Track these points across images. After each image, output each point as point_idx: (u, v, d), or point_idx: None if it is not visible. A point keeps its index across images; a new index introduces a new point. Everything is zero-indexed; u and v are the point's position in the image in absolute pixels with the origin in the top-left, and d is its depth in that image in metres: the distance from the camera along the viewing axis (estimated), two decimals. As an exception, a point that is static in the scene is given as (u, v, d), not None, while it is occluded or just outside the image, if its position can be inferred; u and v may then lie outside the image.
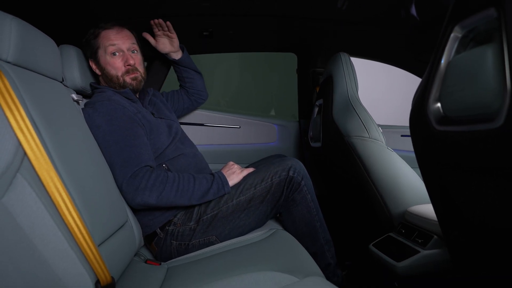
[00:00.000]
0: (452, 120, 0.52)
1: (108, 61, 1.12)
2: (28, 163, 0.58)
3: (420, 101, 0.60)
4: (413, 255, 0.86)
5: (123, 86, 1.14)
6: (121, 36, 1.13)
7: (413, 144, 0.67)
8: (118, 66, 1.12)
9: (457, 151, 0.53)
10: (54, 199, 0.59)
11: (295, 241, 0.97)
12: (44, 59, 0.79)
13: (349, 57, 1.32)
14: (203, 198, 1.01)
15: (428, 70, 0.59)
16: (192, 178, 1.01)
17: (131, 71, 1.13)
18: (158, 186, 0.94)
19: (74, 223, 0.61)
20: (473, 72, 0.47)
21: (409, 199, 1.04)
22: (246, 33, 1.61)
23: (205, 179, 1.03)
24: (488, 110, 0.44)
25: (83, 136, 0.85)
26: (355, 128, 1.11)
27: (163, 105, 1.31)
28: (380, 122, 2.15)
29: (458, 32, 0.52)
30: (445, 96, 0.53)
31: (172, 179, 0.97)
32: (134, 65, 1.13)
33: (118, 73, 1.12)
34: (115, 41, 1.12)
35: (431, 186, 0.71)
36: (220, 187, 1.03)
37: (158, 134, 1.09)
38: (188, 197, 0.99)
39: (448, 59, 0.54)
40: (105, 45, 1.11)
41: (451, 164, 0.58)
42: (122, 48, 1.13)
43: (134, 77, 1.14)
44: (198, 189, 1.00)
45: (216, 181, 1.03)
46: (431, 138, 0.58)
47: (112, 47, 1.11)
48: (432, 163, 0.64)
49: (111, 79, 1.13)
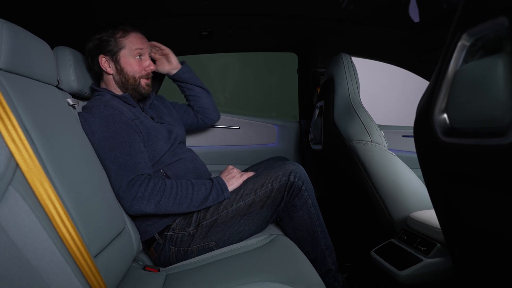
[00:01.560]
0: (459, 131, 0.50)
1: (130, 62, 1.12)
2: (21, 174, 0.56)
3: (425, 109, 0.58)
4: (415, 263, 0.84)
5: (136, 88, 1.14)
6: (146, 42, 1.16)
7: (417, 152, 0.66)
8: (138, 69, 1.14)
9: (463, 163, 0.51)
10: (48, 212, 0.58)
11: (296, 248, 0.95)
12: (38, 63, 0.77)
13: (350, 58, 1.30)
14: (202, 205, 0.99)
15: (434, 78, 0.57)
16: (191, 185, 1.00)
17: (149, 76, 1.16)
18: (156, 195, 0.93)
19: (69, 235, 0.59)
20: (482, 84, 0.45)
21: (411, 204, 1.02)
22: (246, 33, 1.59)
23: (204, 186, 1.01)
24: (497, 124, 0.43)
25: (79, 142, 0.83)
26: (356, 132, 1.09)
27: (166, 110, 1.30)
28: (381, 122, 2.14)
29: (466, 40, 0.50)
30: (452, 106, 0.51)
31: (170, 187, 0.96)
32: (152, 71, 1.17)
33: (136, 74, 1.13)
34: (142, 45, 1.14)
35: (435, 195, 0.69)
36: (219, 193, 1.01)
37: (156, 141, 1.07)
38: (187, 205, 0.97)
39: (455, 68, 0.52)
40: (131, 47, 1.12)
41: (456, 175, 0.56)
42: (145, 53, 1.15)
43: (148, 83, 1.17)
44: (197, 196, 0.98)
45: (215, 187, 1.01)
46: (436, 148, 0.56)
47: (139, 50, 1.13)
48: (436, 173, 0.62)
49: (127, 80, 1.13)
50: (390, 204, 1.05)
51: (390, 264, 0.90)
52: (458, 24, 0.51)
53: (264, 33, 1.60)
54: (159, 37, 1.50)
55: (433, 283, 0.84)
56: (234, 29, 1.53)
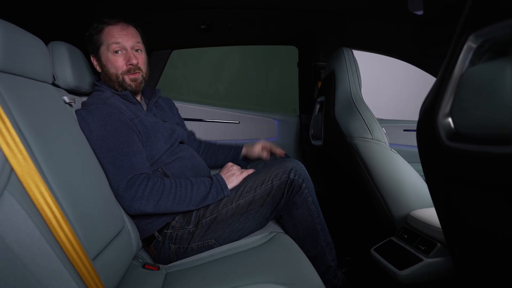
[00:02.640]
0: (464, 136, 0.49)
1: (109, 59, 1.08)
2: (16, 179, 0.55)
3: (429, 111, 0.56)
4: (416, 263, 0.84)
5: (122, 85, 1.10)
6: (125, 34, 1.08)
7: (419, 153, 0.64)
8: (119, 65, 1.08)
9: (466, 168, 0.50)
10: (45, 216, 0.57)
11: (296, 247, 0.95)
12: (32, 62, 0.75)
13: (352, 53, 1.27)
14: (201, 203, 0.99)
15: (439, 80, 0.55)
16: (190, 183, 0.98)
17: (133, 71, 1.09)
18: (155, 195, 0.92)
19: (66, 239, 0.59)
20: (489, 88, 0.44)
21: (411, 202, 1.02)
22: (245, 26, 1.56)
23: (203, 184, 1.00)
24: (505, 131, 0.41)
25: (75, 142, 0.82)
26: (357, 129, 1.08)
27: (169, 111, 1.29)
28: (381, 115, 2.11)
29: (472, 42, 0.48)
30: (457, 110, 0.50)
31: (169, 186, 0.95)
32: (136, 65, 1.09)
33: (118, 71, 1.08)
34: (119, 38, 1.07)
35: (436, 194, 0.68)
36: (219, 191, 1.00)
37: (156, 140, 1.06)
38: (186, 204, 0.96)
39: (461, 71, 0.50)
40: (108, 42, 1.07)
41: (459, 179, 0.55)
42: (126, 46, 1.08)
43: (134, 78, 1.10)
44: (196, 194, 0.97)
45: (214, 185, 1.01)
46: (440, 152, 0.55)
47: (115, 45, 1.07)
48: (438, 176, 0.61)
49: (111, 78, 1.09)
50: (391, 202, 1.04)
51: (390, 263, 0.90)
52: (465, 24, 0.49)
53: (264, 26, 1.57)
54: (157, 31, 1.48)
55: (433, 282, 0.84)
56: (233, 22, 1.50)
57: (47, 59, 0.84)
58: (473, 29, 0.48)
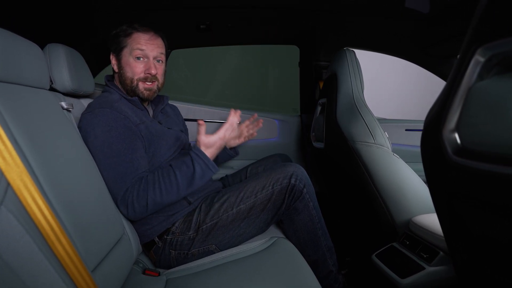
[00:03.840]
0: (471, 153, 0.48)
1: (129, 63, 1.07)
2: (13, 193, 0.54)
3: (435, 123, 0.55)
4: (418, 271, 0.83)
5: (134, 91, 1.09)
6: (152, 44, 1.08)
7: (423, 164, 0.63)
8: (138, 71, 1.07)
9: (472, 185, 0.49)
10: (43, 230, 0.56)
11: (296, 253, 0.94)
12: (28, 69, 0.73)
13: (355, 55, 1.25)
14: (190, 186, 0.94)
15: (445, 92, 0.53)
16: (172, 170, 0.94)
17: (149, 80, 1.09)
18: (142, 195, 0.90)
19: (65, 253, 0.58)
20: (498, 106, 0.42)
21: (414, 208, 1.01)
22: (245, 26, 1.53)
23: (184, 164, 0.95)
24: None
25: (74, 149, 0.81)
26: (359, 133, 1.07)
27: (177, 120, 1.28)
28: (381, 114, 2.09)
29: (481, 55, 0.47)
30: (464, 126, 0.48)
31: (152, 181, 0.92)
32: (155, 75, 1.09)
33: (135, 76, 1.08)
34: (144, 46, 1.07)
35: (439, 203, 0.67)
36: (203, 168, 0.94)
37: (159, 147, 1.04)
38: (176, 192, 0.93)
39: (469, 85, 0.49)
40: (132, 47, 1.07)
41: (464, 194, 0.54)
42: (149, 55, 1.08)
43: (149, 88, 1.10)
44: (182, 178, 0.93)
45: (196, 162, 0.94)
46: (445, 166, 0.53)
47: (139, 51, 1.06)
48: (442, 189, 0.60)
49: (125, 81, 1.09)
50: (393, 207, 1.03)
51: (392, 271, 0.89)
52: (473, 37, 0.48)
53: (265, 25, 1.54)
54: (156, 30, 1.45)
55: None
56: (233, 22, 1.47)
57: (44, 64, 0.82)
58: (481, 43, 0.46)
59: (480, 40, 0.47)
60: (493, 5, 0.44)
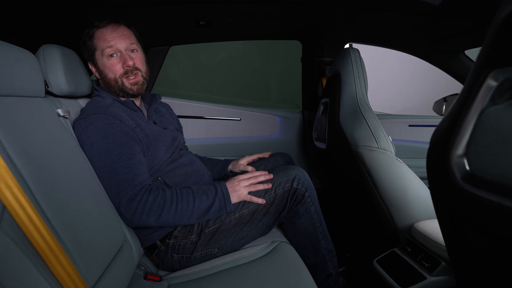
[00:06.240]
0: (479, 181, 0.46)
1: (105, 64, 1.04)
2: (9, 215, 0.53)
3: (442, 145, 0.53)
4: (419, 281, 0.83)
5: (122, 90, 1.06)
6: (117, 35, 1.03)
7: (429, 184, 0.62)
8: (116, 69, 1.04)
9: (480, 212, 0.47)
10: (41, 251, 0.55)
11: (297, 257, 0.95)
12: (20, 78, 0.71)
13: (359, 53, 1.21)
14: (202, 217, 0.96)
15: (454, 113, 0.51)
16: (192, 196, 0.95)
17: (130, 72, 1.05)
18: (156, 210, 0.90)
19: (65, 273, 0.57)
20: (510, 137, 0.40)
21: (416, 213, 1.00)
22: (246, 21, 1.49)
23: (206, 195, 0.96)
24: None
25: (71, 159, 0.79)
26: (363, 137, 1.05)
27: (171, 119, 1.26)
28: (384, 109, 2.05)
29: (493, 79, 0.44)
30: (473, 153, 0.47)
31: (170, 200, 0.93)
32: (133, 65, 1.05)
33: (116, 75, 1.04)
34: (112, 41, 1.02)
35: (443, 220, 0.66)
36: (222, 206, 0.97)
37: (157, 150, 1.03)
38: (187, 217, 0.94)
39: (481, 108, 0.46)
40: (101, 47, 1.03)
41: (470, 218, 0.52)
42: (120, 48, 1.03)
43: (135, 82, 1.06)
44: (198, 207, 0.95)
45: (218, 197, 0.97)
46: (452, 190, 0.52)
47: (108, 49, 1.02)
48: (448, 209, 0.59)
49: (110, 83, 1.06)
50: (395, 212, 1.03)
51: (393, 279, 0.89)
52: (484, 61, 0.45)
53: (266, 20, 1.49)
54: (154, 27, 1.41)
55: None
56: (233, 17, 1.43)
57: (38, 71, 0.79)
58: (494, 67, 0.44)
59: (494, 65, 0.44)
60: (507, 29, 0.42)
